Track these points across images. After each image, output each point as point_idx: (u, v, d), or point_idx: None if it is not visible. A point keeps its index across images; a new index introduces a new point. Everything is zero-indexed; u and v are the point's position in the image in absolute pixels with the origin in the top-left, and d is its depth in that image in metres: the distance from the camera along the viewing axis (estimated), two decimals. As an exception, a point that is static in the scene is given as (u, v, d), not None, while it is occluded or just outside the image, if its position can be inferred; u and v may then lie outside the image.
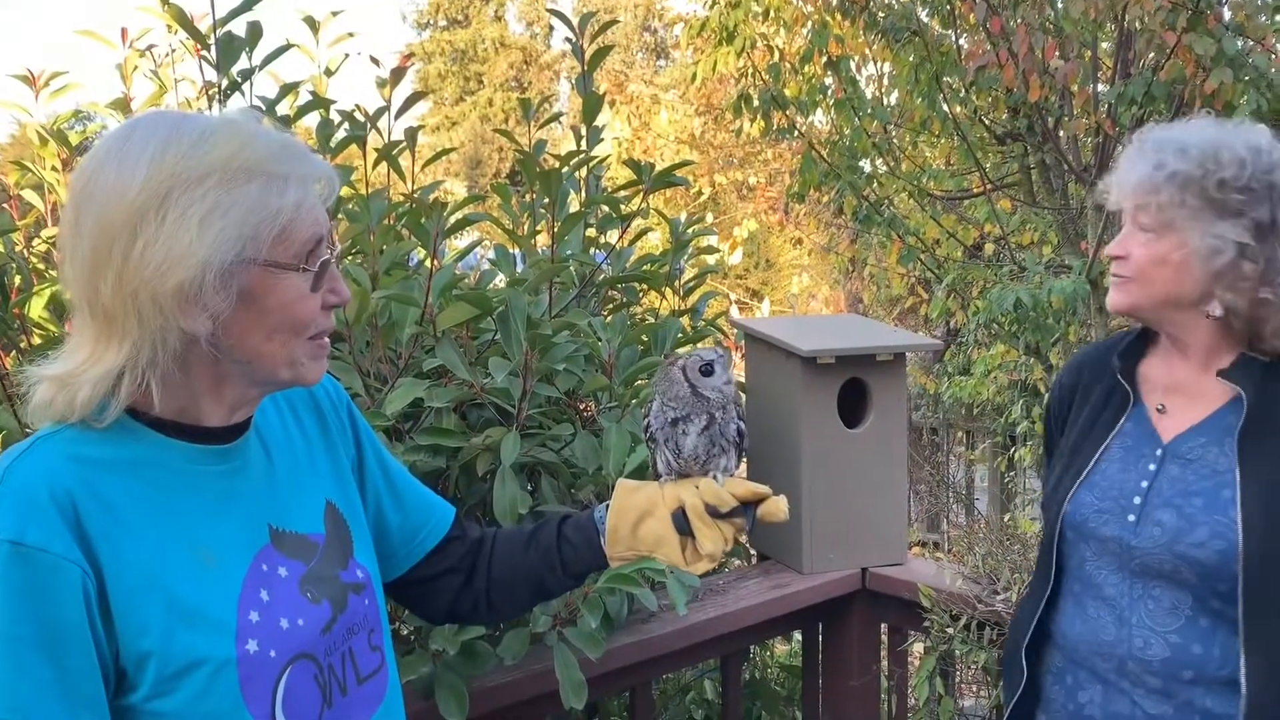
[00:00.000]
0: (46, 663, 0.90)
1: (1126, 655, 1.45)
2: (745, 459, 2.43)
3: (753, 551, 2.54)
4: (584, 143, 2.23)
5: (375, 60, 2.21)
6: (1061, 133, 4.28)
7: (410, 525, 1.29)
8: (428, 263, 1.90)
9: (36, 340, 1.79)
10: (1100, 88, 4.07)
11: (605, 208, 2.28)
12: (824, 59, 4.57)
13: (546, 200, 2.06)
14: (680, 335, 2.27)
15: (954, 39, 4.47)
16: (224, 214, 0.94)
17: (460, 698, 1.64)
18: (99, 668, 0.93)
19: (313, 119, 2.06)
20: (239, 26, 1.97)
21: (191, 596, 0.97)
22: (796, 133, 4.79)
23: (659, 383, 1.28)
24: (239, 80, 1.99)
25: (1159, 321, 1.50)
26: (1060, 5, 3.91)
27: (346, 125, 2.06)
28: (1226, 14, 3.71)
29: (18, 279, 1.79)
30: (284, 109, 2.06)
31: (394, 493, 1.28)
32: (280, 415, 1.16)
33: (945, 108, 4.53)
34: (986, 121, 4.74)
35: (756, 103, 4.67)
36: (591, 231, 2.35)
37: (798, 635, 2.67)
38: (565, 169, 2.17)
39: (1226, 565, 1.37)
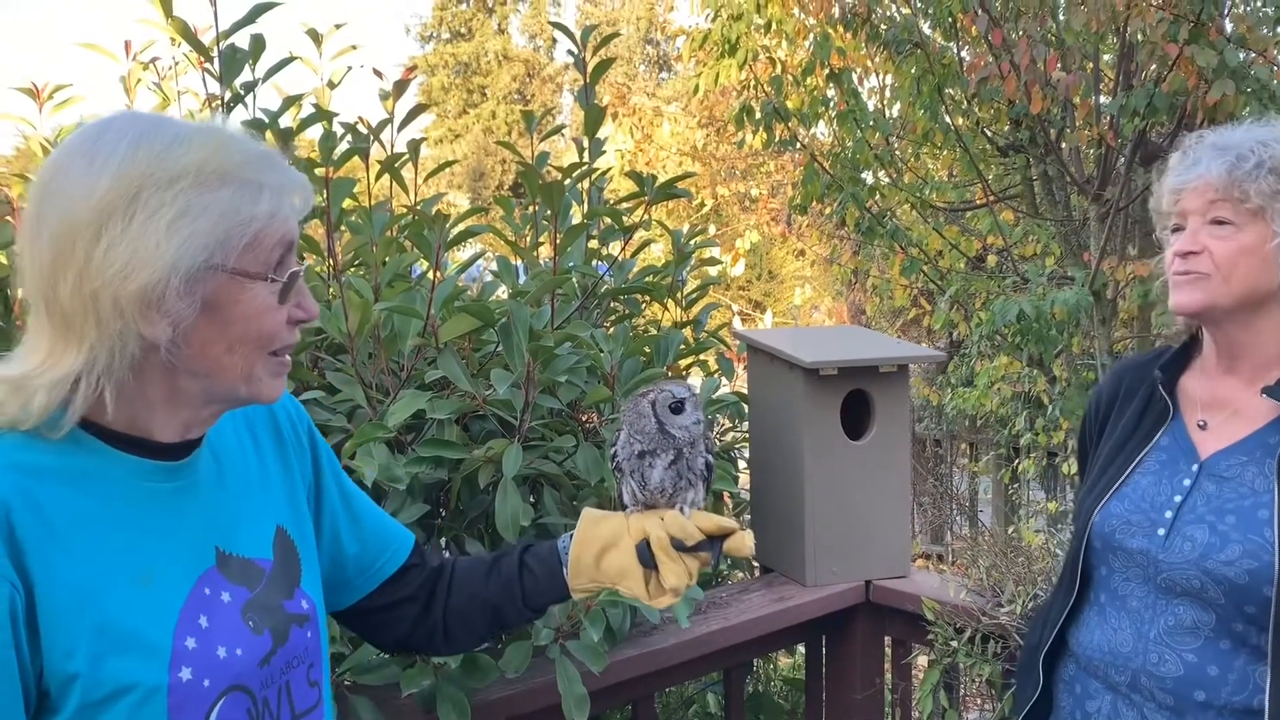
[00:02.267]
0: None
1: (1141, 669, 1.43)
2: (750, 478, 2.42)
3: (755, 564, 2.54)
4: (586, 155, 2.23)
5: (378, 73, 2.21)
6: (1064, 144, 4.29)
7: (368, 553, 1.25)
8: (430, 274, 1.90)
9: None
10: (1102, 99, 4.08)
11: (608, 219, 2.28)
12: (826, 71, 4.59)
13: (549, 212, 2.06)
14: (683, 346, 2.27)
15: (956, 51, 4.48)
16: (195, 218, 0.91)
17: (462, 710, 1.63)
18: (20, 689, 0.88)
19: (315, 131, 2.07)
20: (242, 39, 1.98)
21: (126, 618, 0.93)
22: (799, 144, 4.80)
23: (627, 414, 1.25)
24: (242, 93, 2.00)
25: (1226, 322, 1.45)
26: (1062, 17, 3.92)
27: (349, 138, 2.06)
28: (1228, 26, 3.72)
29: (20, 291, 1.79)
30: (287, 121, 2.06)
31: (352, 518, 1.24)
32: (237, 434, 1.12)
33: (947, 119, 4.54)
34: (989, 133, 4.75)
35: (759, 114, 4.68)
36: (594, 243, 2.35)
37: (801, 648, 2.66)
38: (568, 181, 2.17)
39: (1257, 586, 1.34)
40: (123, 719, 0.91)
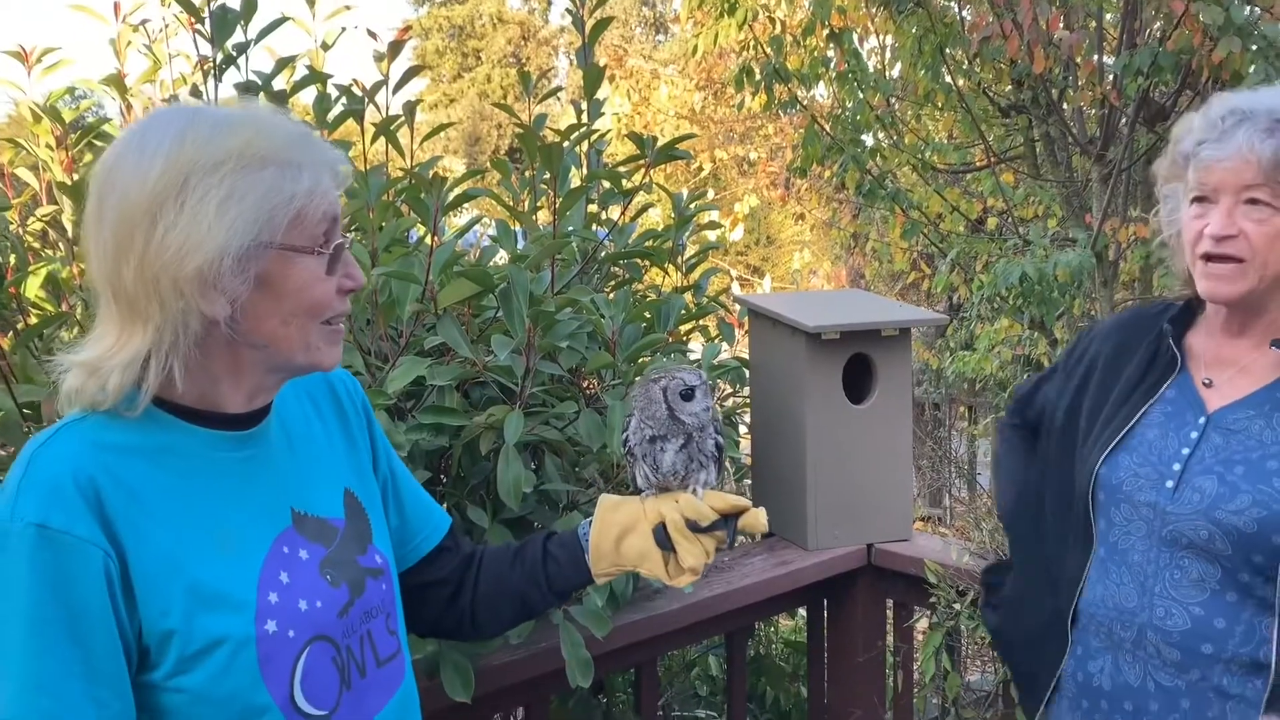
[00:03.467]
0: (70, 642, 0.93)
1: (1147, 623, 1.43)
2: (752, 443, 2.42)
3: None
4: (585, 116, 2.20)
5: (372, 34, 2.18)
6: (1066, 105, 4.24)
7: (408, 529, 1.30)
8: (428, 239, 1.88)
9: (34, 320, 1.77)
10: (1106, 59, 4.03)
11: (607, 183, 2.26)
12: (826, 31, 4.52)
13: (547, 175, 2.04)
14: (684, 311, 2.25)
15: (957, 10, 4.42)
16: (240, 199, 0.97)
17: (466, 676, 1.63)
18: (121, 647, 0.96)
19: (309, 94, 2.04)
20: (234, 0, 1.94)
21: (212, 579, 1.00)
22: (799, 106, 4.75)
23: (638, 398, 1.28)
24: (234, 55, 1.96)
25: (1257, 302, 1.43)
26: (1066, -26, 3.86)
27: (344, 100, 2.03)
28: (1234, -18, 3.66)
29: (13, 258, 1.77)
30: (280, 84, 2.03)
31: (397, 496, 1.30)
32: (300, 404, 1.19)
33: (949, 80, 4.49)
34: (990, 94, 4.70)
35: (758, 76, 4.63)
36: (593, 207, 2.32)
37: (803, 611, 2.67)
38: (566, 143, 2.14)
39: (1266, 535, 1.34)
40: (219, 669, 0.99)
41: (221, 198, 0.96)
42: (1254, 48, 3.38)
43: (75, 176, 2.01)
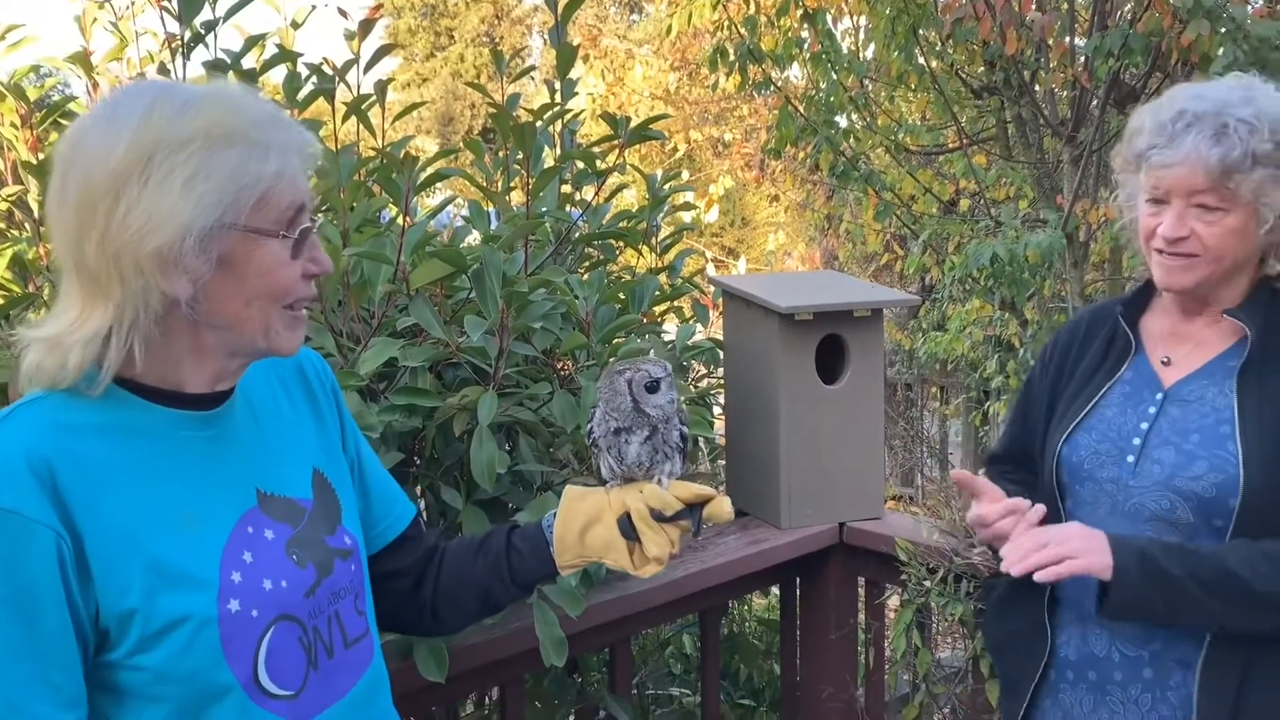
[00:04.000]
0: (17, 623, 0.93)
1: None
2: (726, 424, 2.43)
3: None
4: (558, 95, 2.19)
5: (343, 12, 2.15)
6: (1038, 86, 4.26)
7: (371, 516, 1.30)
8: (400, 219, 1.87)
9: (0, 301, 1.75)
10: (1077, 41, 4.05)
11: (580, 163, 2.25)
12: (800, 12, 4.52)
13: (521, 155, 2.03)
14: (658, 292, 2.25)
15: (931, -9, 4.43)
16: (205, 178, 0.96)
17: (440, 656, 1.64)
18: (73, 629, 0.95)
19: (279, 73, 2.01)
20: (201, -23, 1.92)
21: (174, 557, 1.00)
22: (773, 87, 4.74)
23: (603, 390, 1.29)
24: (202, 33, 1.94)
25: (1211, 288, 1.48)
26: (1038, -44, 3.87)
27: (314, 79, 2.01)
28: (1203, -35, 3.68)
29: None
30: (249, 62, 2.00)
31: (362, 480, 1.29)
32: (269, 384, 1.18)
33: (922, 61, 4.50)
34: (963, 75, 4.71)
35: (732, 57, 4.62)
36: (567, 188, 2.32)
37: (776, 590, 2.69)
38: (539, 123, 2.13)
39: (1223, 499, 1.39)
40: (180, 647, 0.98)
41: (186, 176, 0.95)
42: (1223, 30, 3.41)
43: (40, 156, 1.98)
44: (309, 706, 1.08)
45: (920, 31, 4.36)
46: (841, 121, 4.82)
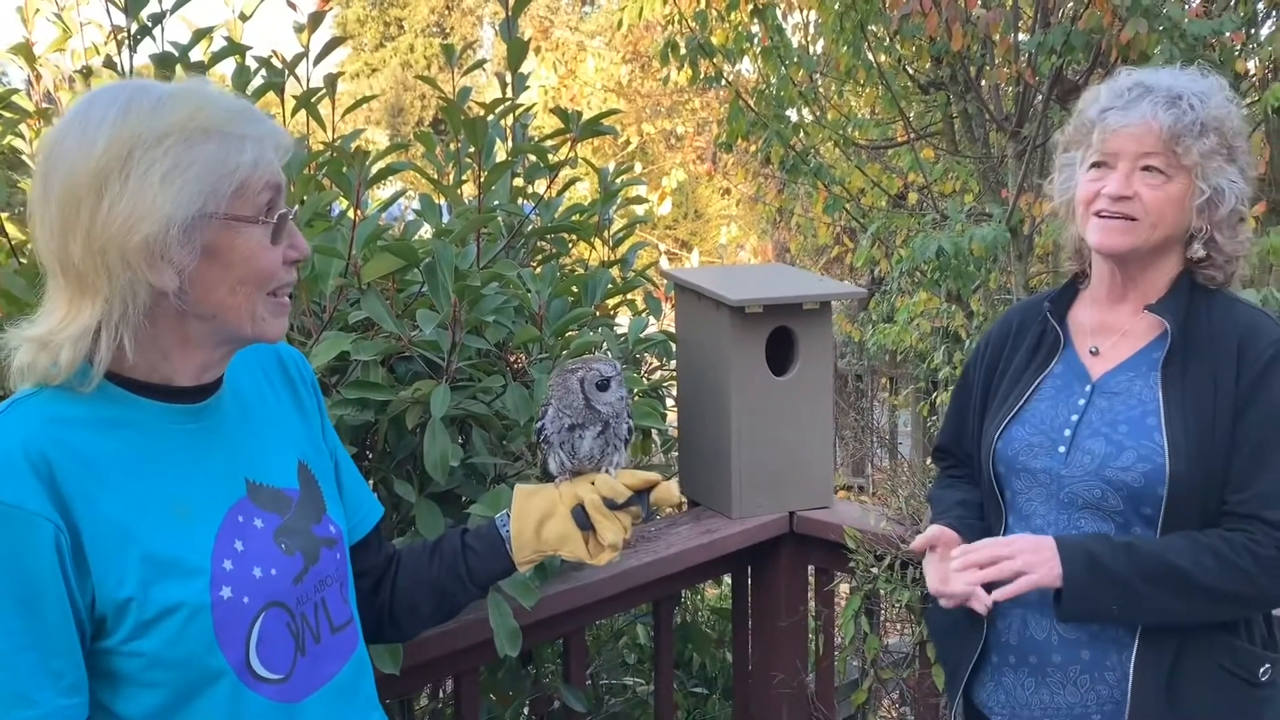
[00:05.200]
0: (21, 614, 0.96)
1: None
2: (678, 416, 2.47)
3: (684, 499, 2.58)
4: (510, 90, 2.19)
5: (292, 4, 2.14)
6: (983, 82, 4.34)
7: (344, 512, 1.31)
8: (350, 213, 1.87)
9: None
10: (1021, 37, 4.13)
11: (533, 157, 2.26)
12: (750, 6, 4.55)
13: (472, 149, 2.03)
14: (610, 285, 2.27)
15: (879, -13, 4.48)
16: (184, 171, 0.99)
17: (394, 649, 1.64)
18: (73, 618, 0.98)
19: (228, 66, 2.00)
20: (147, -33, 1.89)
21: (167, 548, 1.02)
22: (724, 81, 4.77)
23: (555, 389, 1.35)
24: (149, 25, 1.92)
25: (1139, 262, 1.52)
26: (982, -46, 3.93)
27: (263, 72, 1.99)
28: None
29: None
30: (197, 55, 1.98)
31: (338, 478, 1.31)
32: (252, 377, 1.21)
33: (870, 56, 4.56)
34: (910, 70, 4.78)
35: (683, 50, 4.64)
36: (519, 181, 2.32)
37: (728, 579, 2.72)
38: (491, 116, 2.14)
39: (1152, 488, 1.44)
40: (174, 633, 1.01)
41: (166, 169, 0.98)
42: (1160, 29, 3.50)
43: (-19, 148, 1.94)
44: (297, 690, 1.11)
45: (868, 27, 4.41)
46: (792, 115, 4.86)
